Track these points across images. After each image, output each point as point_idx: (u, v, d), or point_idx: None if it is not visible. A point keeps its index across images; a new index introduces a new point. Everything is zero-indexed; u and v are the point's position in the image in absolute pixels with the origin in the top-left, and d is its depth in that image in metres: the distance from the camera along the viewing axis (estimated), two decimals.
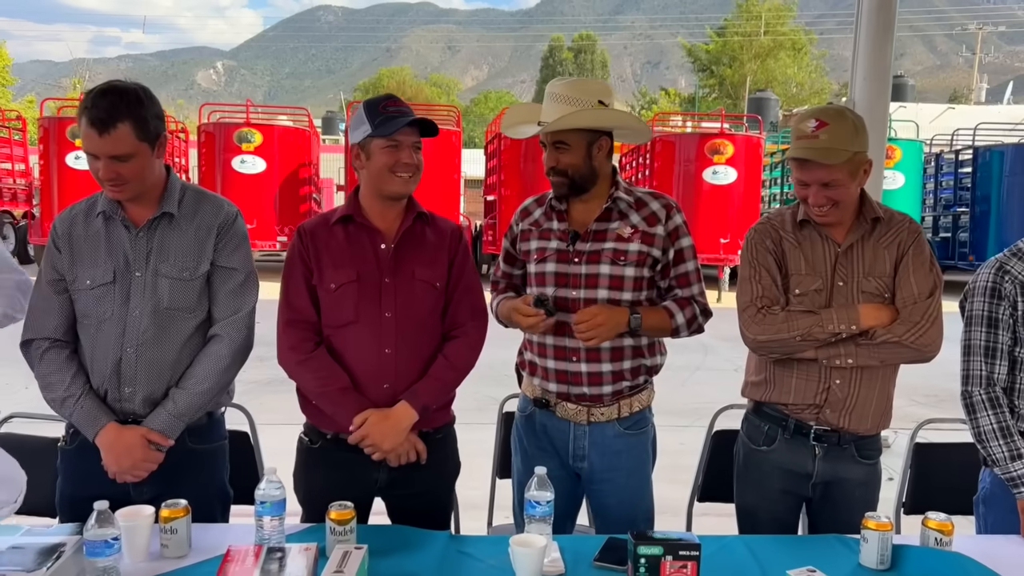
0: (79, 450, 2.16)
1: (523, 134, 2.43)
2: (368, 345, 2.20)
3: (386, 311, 2.21)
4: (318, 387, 2.18)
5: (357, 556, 1.76)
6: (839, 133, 2.14)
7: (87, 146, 2.06)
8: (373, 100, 2.21)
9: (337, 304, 2.20)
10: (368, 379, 2.20)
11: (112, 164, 2.05)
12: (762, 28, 49.52)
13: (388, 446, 2.16)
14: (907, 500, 2.80)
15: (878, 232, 2.26)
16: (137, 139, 2.06)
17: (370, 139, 2.17)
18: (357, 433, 2.15)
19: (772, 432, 2.33)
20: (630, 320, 2.25)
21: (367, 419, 2.15)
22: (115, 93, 2.05)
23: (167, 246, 2.18)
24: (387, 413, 2.17)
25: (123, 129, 2.03)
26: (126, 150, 2.05)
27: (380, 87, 69.91)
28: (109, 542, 1.68)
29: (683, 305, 2.33)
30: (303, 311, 2.21)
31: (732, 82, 49.69)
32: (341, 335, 2.21)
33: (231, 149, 14.76)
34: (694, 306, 2.34)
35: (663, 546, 1.75)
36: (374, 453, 2.17)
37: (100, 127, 2.01)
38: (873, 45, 5.44)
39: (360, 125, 2.19)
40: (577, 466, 2.39)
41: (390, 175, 2.18)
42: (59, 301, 2.17)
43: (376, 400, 2.19)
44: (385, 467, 2.21)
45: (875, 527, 1.94)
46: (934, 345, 2.17)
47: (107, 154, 2.04)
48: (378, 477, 2.24)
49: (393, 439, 2.16)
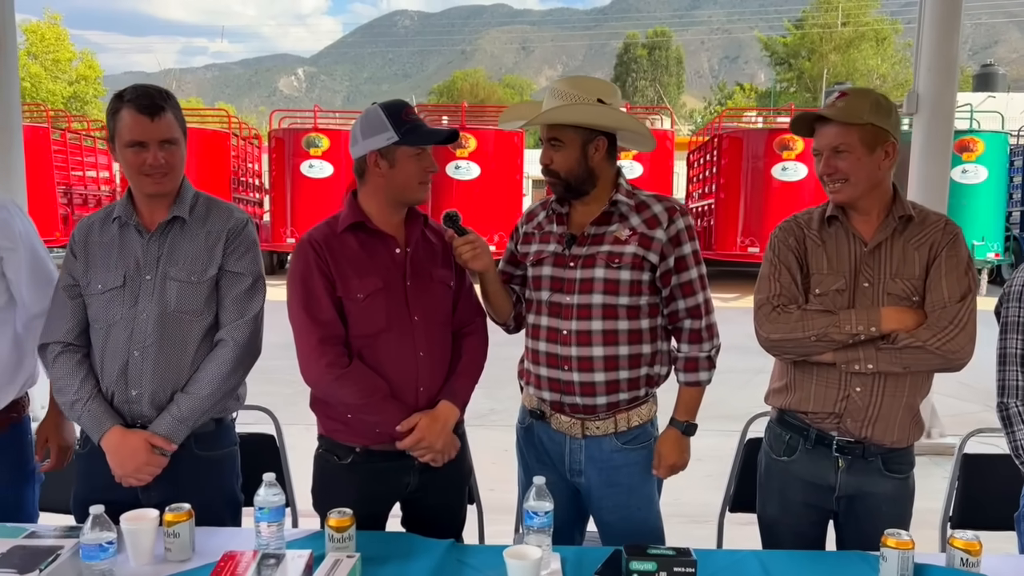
0: (92, 454, 2.20)
1: (513, 126, 2.40)
2: (402, 350, 2.19)
3: (414, 315, 2.21)
4: (360, 399, 2.15)
5: (347, 564, 1.75)
6: (857, 102, 2.09)
7: (135, 135, 2.13)
8: (392, 107, 2.18)
9: (367, 313, 2.18)
10: (404, 384, 2.19)
11: (162, 150, 2.15)
12: (840, 19, 48.02)
13: (440, 446, 2.18)
14: (954, 514, 2.65)
15: (909, 231, 2.14)
16: (179, 127, 2.19)
17: (396, 147, 2.15)
18: (411, 437, 2.15)
19: (793, 442, 2.23)
20: (687, 431, 2.32)
21: (417, 423, 2.16)
22: (151, 87, 2.19)
23: (177, 250, 2.22)
24: (434, 415, 2.19)
25: (168, 116, 2.16)
26: (174, 134, 2.17)
27: (454, 89, 70.48)
28: (104, 546, 1.71)
29: (690, 367, 2.30)
30: (333, 325, 2.17)
31: (811, 75, 48.32)
32: (373, 344, 2.19)
33: (299, 154, 15.15)
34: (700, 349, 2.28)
35: (657, 561, 1.69)
36: (424, 455, 2.17)
37: (151, 112, 2.13)
38: (938, 34, 5.23)
39: (379, 132, 2.15)
40: (575, 480, 2.33)
41: (416, 183, 2.19)
42: (72, 306, 2.22)
43: (413, 404, 2.20)
44: (415, 472, 2.23)
45: (895, 545, 1.83)
46: (962, 352, 2.03)
47: (159, 138, 2.14)
48: (409, 481, 2.24)
49: (444, 439, 2.20)
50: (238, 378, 2.27)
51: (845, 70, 47.15)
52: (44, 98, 36.01)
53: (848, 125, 2.06)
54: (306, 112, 18.14)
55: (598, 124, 2.22)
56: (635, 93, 73.17)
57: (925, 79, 5.24)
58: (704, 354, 2.29)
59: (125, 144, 2.14)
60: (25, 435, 2.39)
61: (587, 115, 2.21)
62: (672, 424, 2.33)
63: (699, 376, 2.30)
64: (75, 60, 42.08)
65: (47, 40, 40.80)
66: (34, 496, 2.42)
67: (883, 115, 2.07)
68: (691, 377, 2.30)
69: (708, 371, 2.31)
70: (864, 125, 2.06)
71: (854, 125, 2.06)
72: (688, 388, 2.32)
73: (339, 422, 2.21)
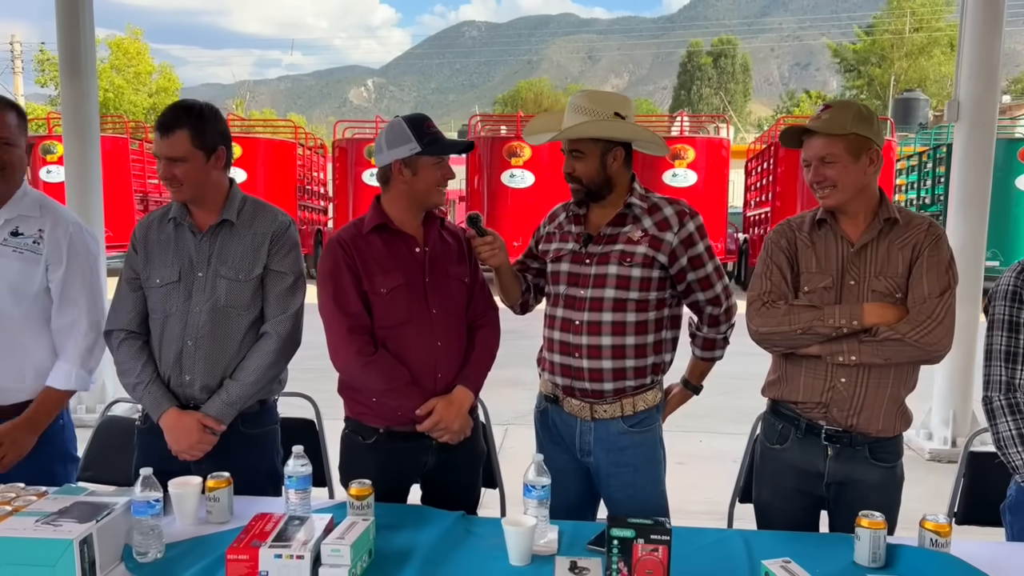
0: (151, 430, 2.45)
1: (540, 140, 2.59)
2: (422, 340, 2.40)
3: (433, 308, 2.42)
4: (385, 384, 2.36)
5: (361, 527, 1.95)
6: (841, 114, 2.24)
7: (155, 149, 2.42)
8: (415, 120, 2.39)
9: (389, 306, 2.39)
10: (424, 371, 2.40)
11: (168, 165, 2.38)
12: (909, 25, 46.77)
13: (457, 427, 2.40)
14: (959, 510, 2.73)
15: (894, 233, 2.27)
16: (192, 146, 2.37)
17: (418, 156, 2.36)
18: (430, 420, 2.36)
19: (785, 431, 2.37)
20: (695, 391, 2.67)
21: (435, 407, 2.37)
22: (182, 106, 2.43)
23: (226, 250, 2.46)
24: (451, 398, 2.40)
25: (180, 135, 2.36)
26: (180, 153, 2.36)
27: (519, 99, 70.98)
28: (151, 503, 1.94)
29: (708, 346, 2.62)
30: (360, 316, 2.38)
31: (881, 82, 47.24)
32: (396, 334, 2.39)
33: (362, 163, 15.63)
34: (718, 331, 2.58)
35: (635, 529, 1.85)
36: (443, 436, 2.39)
37: (162, 131, 2.37)
38: (979, 41, 5.24)
39: (404, 143, 2.36)
40: (585, 460, 2.51)
41: (436, 189, 2.41)
42: (134, 297, 2.49)
43: (432, 389, 2.40)
44: (433, 451, 2.43)
45: (868, 525, 1.96)
46: (940, 345, 2.15)
47: (164, 155, 2.38)
48: (427, 460, 2.45)
49: (460, 420, 2.41)
50: (280, 367, 2.52)
51: (916, 76, 45.97)
52: (126, 110, 37.63)
53: (833, 136, 2.21)
54: (369, 123, 18.64)
55: (615, 136, 2.43)
56: (699, 101, 72.39)
57: (966, 87, 5.25)
58: (721, 335, 2.59)
59: (154, 156, 2.44)
60: (58, 418, 2.58)
61: (605, 129, 2.41)
62: (685, 385, 2.67)
63: (715, 353, 2.63)
64: (154, 73, 43.81)
65: (129, 54, 42.59)
66: (68, 475, 2.63)
67: (865, 125, 2.22)
68: (707, 354, 2.63)
69: (723, 348, 2.63)
70: (848, 135, 2.20)
71: (839, 136, 2.21)
72: (703, 361, 2.64)
73: (364, 406, 2.43)
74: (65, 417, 2.63)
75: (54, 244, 2.47)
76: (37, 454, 2.47)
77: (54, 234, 2.48)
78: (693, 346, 2.64)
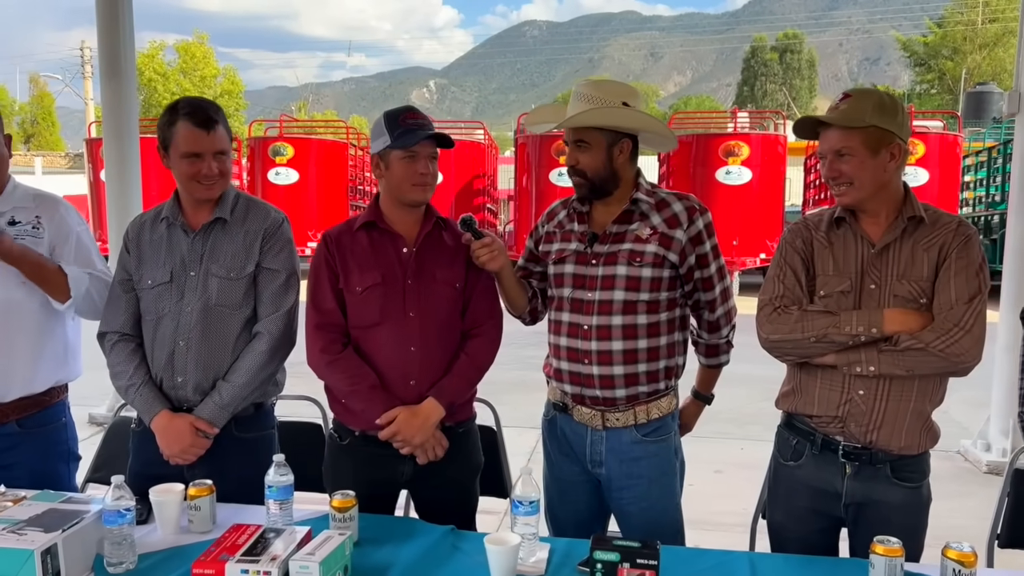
0: (144, 433, 2.41)
1: (541, 129, 2.46)
2: (394, 344, 2.30)
3: (410, 311, 2.30)
4: (348, 386, 2.29)
5: (335, 542, 1.85)
6: (859, 104, 2.04)
7: (192, 147, 2.32)
8: (393, 112, 2.31)
9: (363, 306, 2.31)
10: (395, 377, 2.29)
11: (217, 160, 2.35)
12: (982, 16, 45.02)
13: (418, 441, 2.25)
14: (1003, 532, 2.52)
15: (920, 233, 2.07)
16: (228, 138, 2.39)
17: (389, 150, 2.27)
18: (388, 429, 2.25)
19: (800, 447, 2.20)
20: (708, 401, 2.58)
21: (397, 416, 2.25)
22: (206, 102, 2.41)
23: (219, 248, 2.40)
24: (416, 410, 2.26)
25: (221, 129, 2.36)
26: (225, 146, 2.37)
27: None
28: (122, 512, 1.88)
29: (711, 352, 2.50)
30: (331, 314, 2.32)
31: (953, 76, 45.57)
32: (368, 336, 2.31)
33: None
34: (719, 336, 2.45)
35: (620, 552, 1.72)
36: (403, 448, 2.26)
37: (206, 126, 2.32)
38: None
39: (380, 136, 2.29)
40: (596, 472, 2.37)
41: (408, 184, 2.29)
42: (127, 299, 2.45)
43: (403, 397, 2.29)
44: (411, 461, 2.30)
45: (883, 552, 1.79)
46: (967, 355, 1.95)
47: (213, 150, 2.34)
48: (404, 470, 2.33)
49: (423, 434, 2.25)
50: (274, 367, 2.44)
51: (990, 69, 44.22)
52: None
53: (850, 129, 2.03)
54: None
55: (624, 127, 2.28)
56: (764, 97, 70.95)
57: None
58: (723, 340, 2.47)
59: (182, 155, 2.34)
60: (60, 417, 2.60)
61: (613, 118, 2.27)
62: (696, 396, 2.57)
63: (720, 359, 2.51)
64: (219, 76, 44.88)
65: (196, 58, 43.73)
66: (70, 473, 2.64)
67: (887, 117, 2.02)
68: (713, 361, 2.52)
69: (727, 353, 2.51)
70: (867, 128, 2.01)
71: (856, 129, 2.02)
72: (710, 368, 2.52)
73: (341, 406, 2.37)
74: (67, 416, 2.64)
75: (56, 225, 2.51)
76: (39, 452, 2.47)
77: (53, 218, 2.52)
78: (697, 354, 2.51)
